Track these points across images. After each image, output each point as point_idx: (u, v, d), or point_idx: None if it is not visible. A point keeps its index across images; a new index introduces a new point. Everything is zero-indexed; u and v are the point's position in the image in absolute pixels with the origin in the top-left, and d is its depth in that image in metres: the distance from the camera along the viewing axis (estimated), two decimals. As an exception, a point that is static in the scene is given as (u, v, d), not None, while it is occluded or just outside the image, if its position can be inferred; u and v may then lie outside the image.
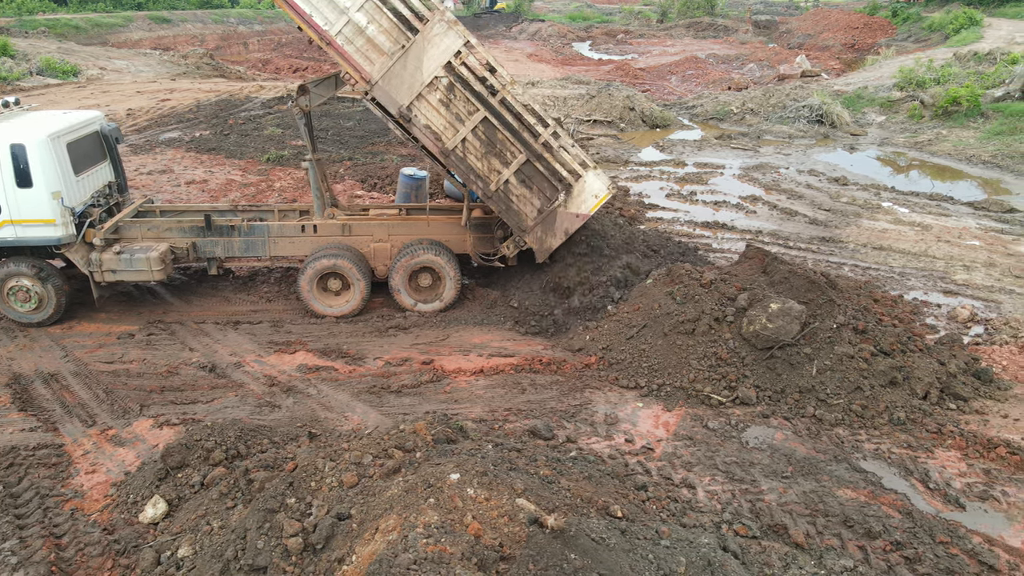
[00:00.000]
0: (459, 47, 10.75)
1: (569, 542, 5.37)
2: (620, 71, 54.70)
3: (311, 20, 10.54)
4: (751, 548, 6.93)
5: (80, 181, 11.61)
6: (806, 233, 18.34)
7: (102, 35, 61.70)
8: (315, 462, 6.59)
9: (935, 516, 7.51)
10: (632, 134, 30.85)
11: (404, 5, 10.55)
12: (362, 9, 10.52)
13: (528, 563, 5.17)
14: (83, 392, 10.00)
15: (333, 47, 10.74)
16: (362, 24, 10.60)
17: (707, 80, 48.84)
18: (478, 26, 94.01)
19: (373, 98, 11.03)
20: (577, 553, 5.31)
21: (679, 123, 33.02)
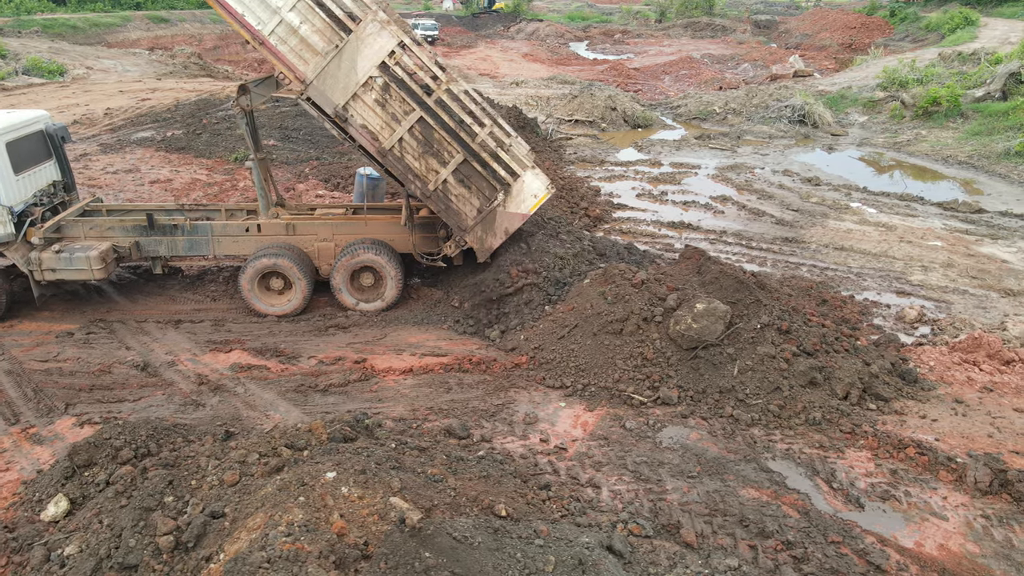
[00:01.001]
0: (393, 47, 10.79)
1: (426, 541, 5.40)
2: (614, 71, 54.71)
3: (243, 20, 10.60)
4: (641, 547, 6.96)
5: (20, 180, 11.69)
6: (770, 233, 18.35)
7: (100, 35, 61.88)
8: (199, 460, 6.64)
9: (832, 516, 7.52)
10: (613, 134, 30.85)
11: (336, 5, 10.59)
12: (294, 9, 10.57)
13: (380, 561, 5.21)
14: (12, 390, 10.07)
15: (266, 47, 10.80)
16: (295, 24, 10.65)
17: (699, 80, 48.77)
18: (476, 26, 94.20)
19: (308, 98, 11.07)
20: (432, 552, 5.34)
21: (662, 123, 33.03)
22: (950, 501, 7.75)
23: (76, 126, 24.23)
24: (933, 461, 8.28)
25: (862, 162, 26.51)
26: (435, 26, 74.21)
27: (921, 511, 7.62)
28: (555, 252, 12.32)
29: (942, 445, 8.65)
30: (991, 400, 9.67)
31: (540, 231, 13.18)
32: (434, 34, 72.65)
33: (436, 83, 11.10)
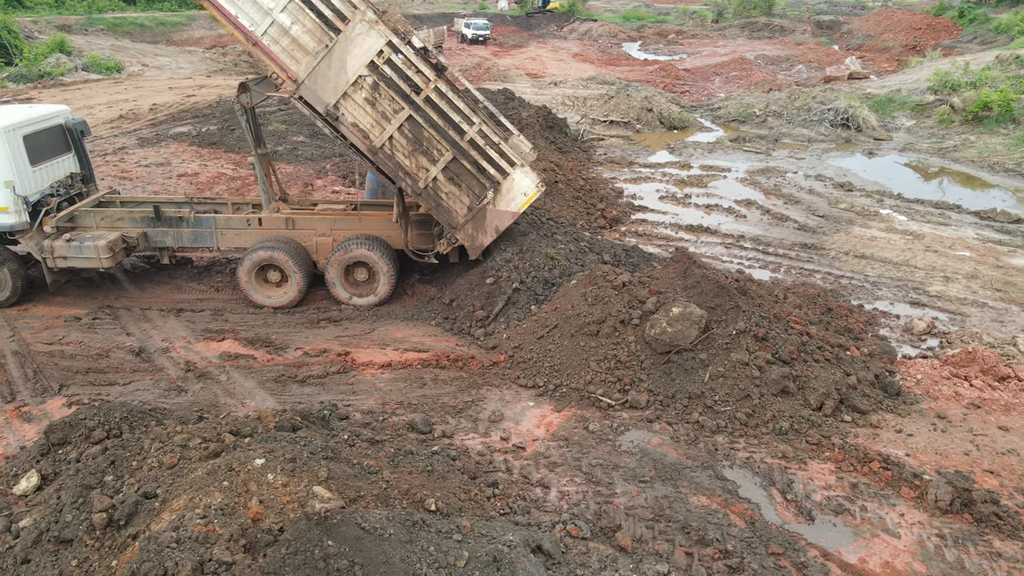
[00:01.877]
0: (381, 46, 10.97)
1: (331, 529, 5.53)
2: (663, 72, 54.26)
3: (237, 21, 10.93)
4: (575, 549, 6.96)
5: (37, 171, 12.30)
6: (790, 239, 17.98)
7: (165, 33, 64.17)
8: (142, 442, 6.92)
9: (779, 527, 7.38)
10: (647, 135, 30.59)
11: (326, 5, 10.83)
12: (286, 10, 10.85)
13: (283, 547, 5.36)
14: (15, 370, 10.63)
15: (259, 48, 11.12)
16: (286, 24, 10.93)
17: (750, 82, 47.91)
18: (530, 26, 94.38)
19: (301, 97, 11.34)
20: (335, 540, 5.47)
21: (699, 125, 32.61)
22: (907, 518, 7.51)
23: (120, 120, 25.28)
24: (897, 477, 8.03)
25: (902, 168, 25.67)
26: (487, 25, 74.63)
27: (873, 527, 7.40)
28: (546, 252, 12.33)
29: (911, 461, 8.38)
30: (976, 417, 9.30)
31: (535, 231, 13.22)
32: (486, 33, 73.08)
33: (425, 82, 11.23)
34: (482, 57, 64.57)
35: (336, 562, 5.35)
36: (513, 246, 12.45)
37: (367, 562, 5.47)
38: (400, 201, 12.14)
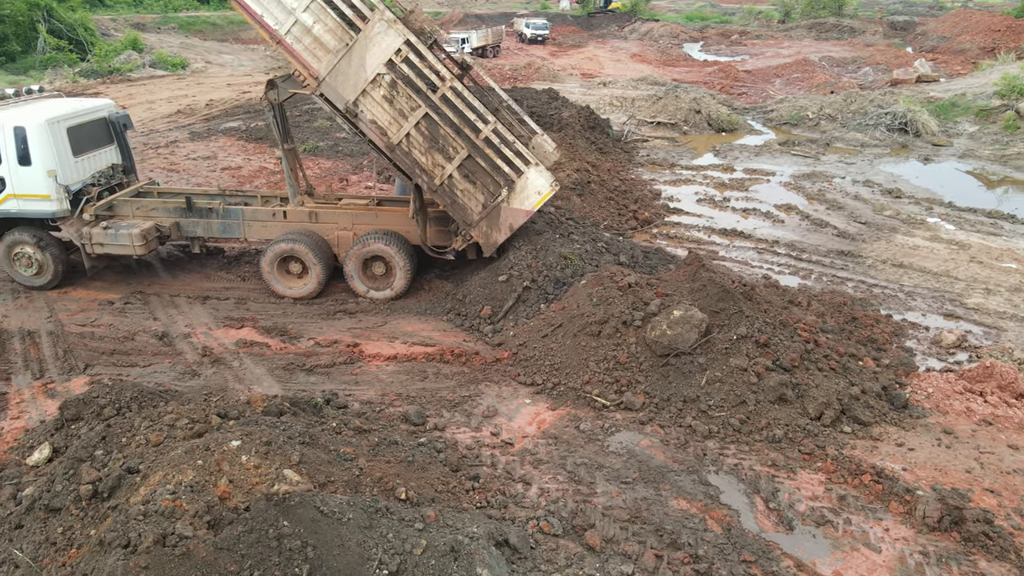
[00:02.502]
0: (399, 45, 11.19)
1: (288, 511, 5.74)
2: (722, 73, 53.51)
3: (262, 21, 11.31)
4: (544, 545, 7.02)
5: (79, 162, 12.97)
6: (827, 246, 17.54)
7: (234, 31, 66.28)
8: (133, 420, 7.28)
9: (756, 535, 7.28)
10: (694, 137, 30.20)
11: (346, 5, 11.12)
12: (308, 9, 11.18)
13: (239, 525, 5.59)
14: (48, 349, 11.26)
15: (283, 46, 11.48)
16: (308, 24, 11.26)
17: (811, 84, 46.74)
18: (591, 25, 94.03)
19: (322, 94, 11.67)
20: (291, 521, 5.67)
21: (748, 128, 32.03)
22: (892, 533, 7.31)
23: (177, 115, 26.32)
24: (888, 491, 7.81)
25: (959, 175, 24.69)
26: (546, 25, 74.68)
27: (854, 540, 7.23)
28: (560, 252, 12.37)
29: (907, 476, 8.13)
30: (986, 434, 8.96)
31: (552, 230, 13.26)
32: (544, 33, 73.15)
33: (441, 81, 11.41)
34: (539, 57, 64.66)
35: (289, 542, 5.55)
36: (528, 245, 12.52)
37: (320, 544, 5.66)
38: (417, 198, 12.35)
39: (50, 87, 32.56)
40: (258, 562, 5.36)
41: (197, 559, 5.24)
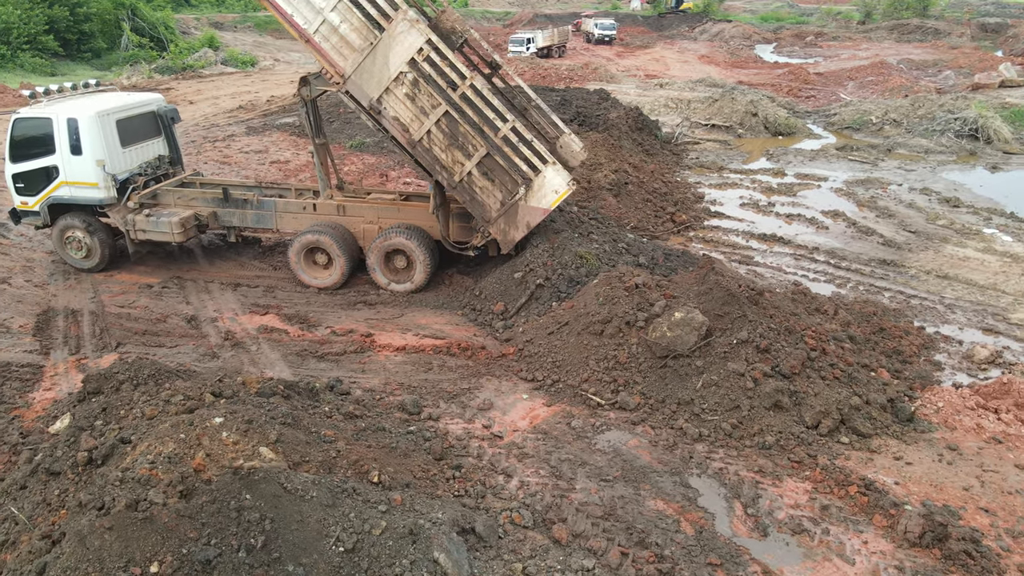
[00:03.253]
0: (421, 44, 11.47)
1: (251, 485, 6.04)
2: (791, 75, 52.34)
3: (292, 20, 11.77)
4: (512, 535, 7.15)
5: (127, 152, 13.75)
6: (870, 254, 17.06)
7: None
8: (132, 395, 7.75)
9: (727, 539, 7.24)
10: (748, 141, 29.66)
11: (371, 4, 11.46)
12: (335, 9, 11.57)
13: (204, 496, 5.92)
14: (87, 327, 12.00)
15: (311, 44, 11.91)
16: (336, 23, 11.66)
17: (885, 87, 45.24)
18: (661, 26, 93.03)
19: (347, 91, 12.06)
20: (253, 495, 5.98)
21: (807, 132, 31.25)
22: (870, 546, 7.14)
23: (239, 110, 27.41)
24: (873, 503, 7.63)
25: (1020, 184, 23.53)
26: (613, 26, 74.31)
27: (829, 551, 7.10)
28: (576, 251, 12.43)
29: (898, 490, 7.92)
30: (993, 452, 8.61)
31: (570, 229, 13.33)
32: (611, 34, 72.79)
33: (461, 79, 11.64)
34: (604, 57, 64.43)
35: (248, 514, 5.86)
36: (545, 243, 12.64)
37: (279, 518, 5.94)
38: (438, 194, 12.62)
39: (127, 82, 34.44)
40: (216, 531, 5.68)
41: (159, 524, 5.59)
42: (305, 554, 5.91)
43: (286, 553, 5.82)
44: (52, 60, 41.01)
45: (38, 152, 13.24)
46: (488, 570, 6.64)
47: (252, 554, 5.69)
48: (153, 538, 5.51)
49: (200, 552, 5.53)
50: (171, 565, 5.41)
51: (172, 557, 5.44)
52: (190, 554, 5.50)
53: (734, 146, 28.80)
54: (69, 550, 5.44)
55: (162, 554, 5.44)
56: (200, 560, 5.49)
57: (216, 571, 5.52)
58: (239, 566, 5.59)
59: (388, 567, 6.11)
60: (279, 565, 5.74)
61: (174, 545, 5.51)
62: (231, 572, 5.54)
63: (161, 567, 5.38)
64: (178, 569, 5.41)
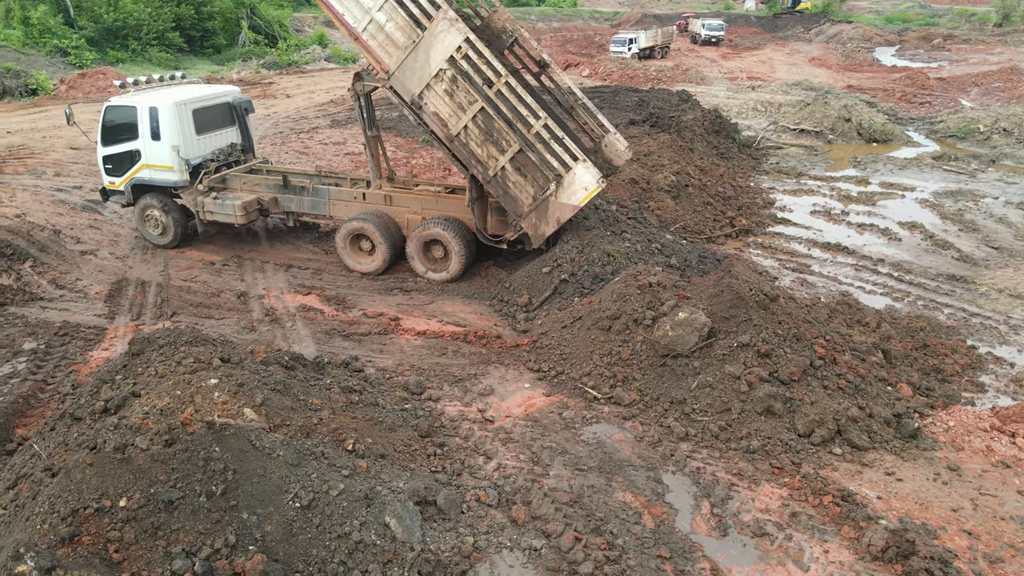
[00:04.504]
0: (460, 43, 11.93)
1: (222, 440, 6.67)
2: (908, 80, 49.85)
3: (343, 19, 12.50)
4: (475, 511, 7.51)
5: (201, 140, 14.95)
6: (939, 269, 16.25)
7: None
8: (150, 355, 8.59)
9: (684, 535, 7.30)
10: (838, 147, 28.55)
11: (414, 4, 12.01)
12: (382, 9, 12.20)
13: (179, 445, 6.59)
14: (151, 296, 13.21)
15: (360, 42, 12.61)
16: (382, 22, 12.29)
17: (1013, 95, 42.30)
18: (775, 27, 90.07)
19: (391, 87, 12.68)
20: (222, 448, 6.60)
21: (905, 139, 29.71)
22: (830, 556, 7.02)
23: (329, 104, 28.85)
24: (845, 515, 7.46)
25: None
26: (721, 26, 72.62)
27: (785, 556, 7.03)
28: (605, 248, 12.57)
29: (878, 504, 7.70)
30: (997, 476, 8.19)
31: (603, 226, 13.45)
32: (719, 35, 71.21)
33: (496, 77, 12.01)
34: (707, 59, 63.13)
35: (214, 464, 6.48)
36: (576, 239, 12.85)
37: (242, 470, 6.55)
38: (474, 187, 13.05)
39: (236, 76, 36.82)
40: (183, 476, 6.33)
41: (134, 465, 6.29)
42: (261, 505, 6.48)
43: (243, 502, 6.41)
44: (176, 55, 44.32)
45: (124, 137, 14.63)
46: (441, 539, 7.02)
47: (211, 499, 6.31)
48: (127, 477, 6.21)
49: (165, 493, 6.19)
50: (138, 501, 6.09)
51: (140, 495, 6.13)
52: (156, 494, 6.17)
53: (821, 152, 27.78)
54: (57, 480, 6.22)
55: (132, 491, 6.14)
56: (164, 500, 6.15)
57: (177, 511, 6.16)
58: (198, 509, 6.22)
59: (339, 525, 6.61)
60: (234, 512, 6.34)
61: (144, 485, 6.19)
62: (190, 513, 6.18)
63: (129, 502, 6.07)
64: (144, 506, 6.09)
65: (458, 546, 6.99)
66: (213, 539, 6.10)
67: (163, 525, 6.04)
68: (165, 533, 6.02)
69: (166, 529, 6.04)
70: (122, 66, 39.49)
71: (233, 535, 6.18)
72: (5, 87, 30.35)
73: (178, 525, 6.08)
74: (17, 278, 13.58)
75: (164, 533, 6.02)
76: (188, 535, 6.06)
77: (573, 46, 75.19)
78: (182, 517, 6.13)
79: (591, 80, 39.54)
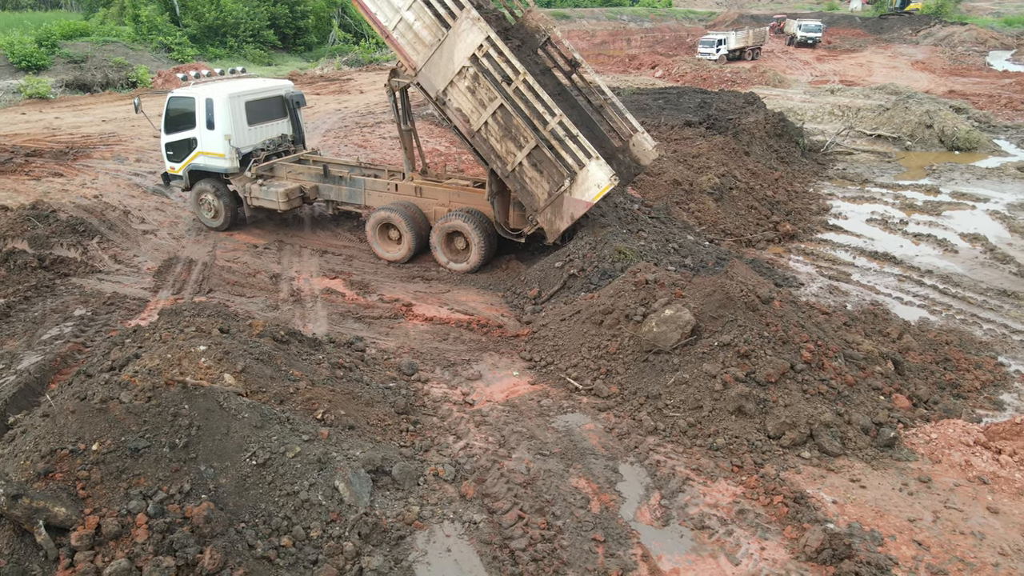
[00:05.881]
0: (481, 41, 12.34)
1: (192, 398, 7.32)
2: (1018, 86, 47.23)
3: (375, 18, 13.13)
4: (429, 485, 7.93)
5: (252, 130, 15.97)
6: (991, 283, 15.56)
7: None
8: (159, 322, 9.41)
9: (625, 522, 7.47)
10: (916, 154, 27.39)
11: (440, 4, 12.50)
12: (411, 8, 12.76)
13: (154, 400, 7.28)
14: (195, 274, 14.26)
15: (390, 40, 13.21)
16: (410, 21, 12.85)
17: None
18: (881, 28, 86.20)
19: (418, 83, 13.24)
20: (190, 405, 7.25)
21: (992, 147, 28.07)
22: (765, 553, 7.04)
23: (398, 101, 29.77)
24: (792, 515, 7.44)
25: None
26: (819, 27, 70.21)
27: (719, 549, 7.10)
28: (617, 246, 12.70)
29: (831, 508, 7.62)
30: (970, 491, 7.93)
31: (619, 224, 13.57)
32: (816, 36, 68.93)
33: (515, 75, 12.36)
34: (801, 61, 61.24)
35: (180, 420, 7.14)
36: (590, 236, 13.04)
37: (206, 427, 7.18)
38: (493, 182, 13.44)
39: (320, 72, 38.47)
40: (151, 428, 7.01)
41: (110, 415, 7.02)
42: (219, 460, 7.10)
43: (202, 456, 7.04)
44: (270, 52, 46.70)
45: (184, 126, 15.81)
46: (388, 507, 7.48)
47: (174, 451, 6.97)
48: (103, 425, 6.94)
49: (133, 441, 6.88)
50: (108, 447, 6.80)
51: (111, 442, 6.84)
52: (125, 442, 6.87)
53: (895, 159, 26.68)
54: (44, 423, 7.03)
55: (105, 438, 6.85)
56: (131, 447, 6.84)
57: (142, 459, 6.85)
58: (160, 458, 6.89)
59: (290, 484, 7.16)
60: (193, 464, 6.97)
61: (116, 434, 6.90)
62: (153, 462, 6.85)
63: (100, 447, 6.80)
64: (113, 451, 6.79)
65: (403, 514, 7.42)
66: (170, 486, 6.74)
67: (127, 470, 6.73)
68: (128, 477, 6.70)
69: (129, 473, 6.72)
70: (219, 62, 41.96)
71: (188, 484, 6.81)
72: (109, 79, 32.95)
73: (140, 471, 6.76)
74: (83, 252, 14.93)
75: (127, 477, 6.70)
76: (148, 480, 6.73)
77: (662, 47, 74.42)
78: (145, 464, 6.81)
79: (663, 81, 39.16)
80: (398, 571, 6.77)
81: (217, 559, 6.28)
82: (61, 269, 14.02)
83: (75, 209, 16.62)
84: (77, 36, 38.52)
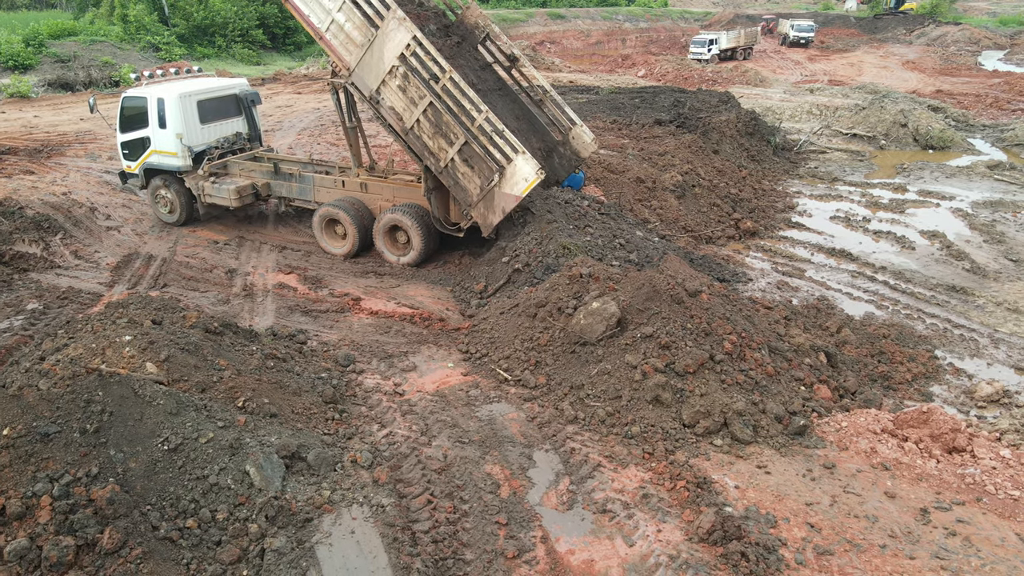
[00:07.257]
0: (408, 40, 12.54)
1: (106, 385, 7.53)
2: (1005, 86, 47.42)
3: (308, 20, 13.35)
4: (345, 471, 8.12)
5: (205, 129, 16.20)
6: (942, 280, 15.74)
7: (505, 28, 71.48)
8: (91, 313, 9.62)
9: (530, 506, 7.68)
10: (889, 153, 27.61)
11: (368, 4, 12.69)
12: (341, 9, 12.97)
13: (70, 386, 7.49)
14: (153, 269, 14.48)
15: (323, 42, 13.43)
16: (341, 22, 13.07)
17: (1119, 105, 39.48)
18: (875, 28, 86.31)
19: (352, 83, 13.44)
20: (104, 392, 7.46)
21: (966, 146, 28.23)
22: (661, 536, 7.24)
23: (377, 100, 29.95)
24: (692, 499, 7.64)
25: None
26: (811, 27, 70.38)
27: (617, 532, 7.30)
28: (562, 241, 12.89)
29: (732, 493, 7.82)
30: (871, 477, 8.12)
31: (566, 220, 13.73)
32: (808, 36, 69.09)
33: (442, 73, 12.56)
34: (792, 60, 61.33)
35: (93, 406, 7.35)
36: (537, 231, 13.22)
37: (119, 413, 7.39)
38: (429, 178, 13.62)
39: (304, 72, 38.66)
40: (64, 413, 7.22)
41: (24, 401, 7.23)
42: (130, 445, 7.31)
43: (113, 441, 7.25)
44: (259, 51, 46.95)
45: (138, 125, 16.07)
46: (300, 491, 7.68)
47: (84, 436, 7.18)
48: (15, 410, 7.15)
49: (44, 427, 7.09)
50: (19, 432, 7.01)
51: (22, 426, 7.04)
52: (36, 427, 7.07)
53: (867, 157, 26.86)
54: (-40, 410, 7.24)
55: (17, 423, 7.06)
56: (41, 432, 7.05)
57: (51, 443, 7.06)
58: (70, 443, 7.09)
59: (200, 468, 7.36)
60: (103, 448, 7.18)
61: (28, 419, 7.11)
62: (62, 446, 7.06)
63: (11, 432, 7.00)
64: (23, 436, 7.00)
65: (313, 498, 7.62)
66: (77, 469, 6.95)
67: (36, 454, 6.94)
68: (36, 460, 6.91)
69: (38, 457, 6.93)
70: (207, 62, 42.21)
71: (97, 467, 7.02)
72: (92, 78, 33.20)
73: (49, 455, 6.97)
74: (44, 248, 15.16)
75: (36, 460, 6.91)
76: (57, 464, 6.94)
77: (657, 47, 74.62)
78: (55, 449, 7.01)
79: (645, 80, 39.33)
80: (299, 551, 6.97)
81: (116, 539, 6.49)
82: (20, 264, 14.25)
83: (42, 206, 16.86)
84: (65, 36, 38.79)
